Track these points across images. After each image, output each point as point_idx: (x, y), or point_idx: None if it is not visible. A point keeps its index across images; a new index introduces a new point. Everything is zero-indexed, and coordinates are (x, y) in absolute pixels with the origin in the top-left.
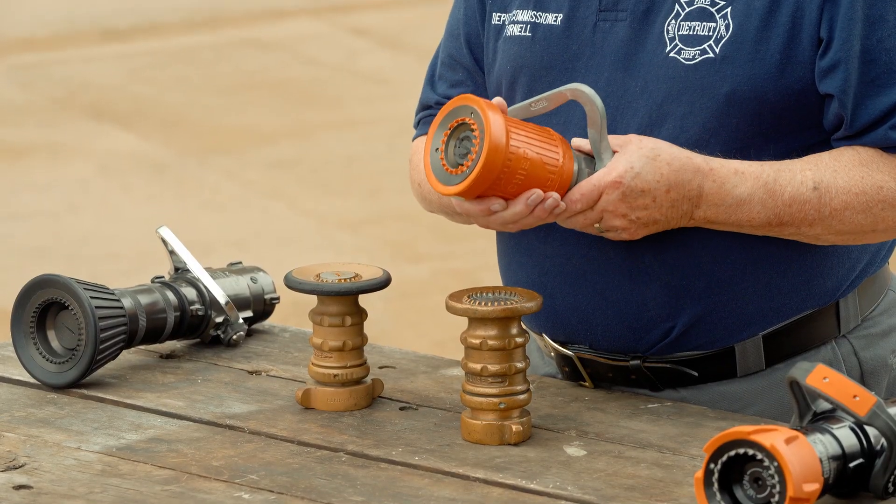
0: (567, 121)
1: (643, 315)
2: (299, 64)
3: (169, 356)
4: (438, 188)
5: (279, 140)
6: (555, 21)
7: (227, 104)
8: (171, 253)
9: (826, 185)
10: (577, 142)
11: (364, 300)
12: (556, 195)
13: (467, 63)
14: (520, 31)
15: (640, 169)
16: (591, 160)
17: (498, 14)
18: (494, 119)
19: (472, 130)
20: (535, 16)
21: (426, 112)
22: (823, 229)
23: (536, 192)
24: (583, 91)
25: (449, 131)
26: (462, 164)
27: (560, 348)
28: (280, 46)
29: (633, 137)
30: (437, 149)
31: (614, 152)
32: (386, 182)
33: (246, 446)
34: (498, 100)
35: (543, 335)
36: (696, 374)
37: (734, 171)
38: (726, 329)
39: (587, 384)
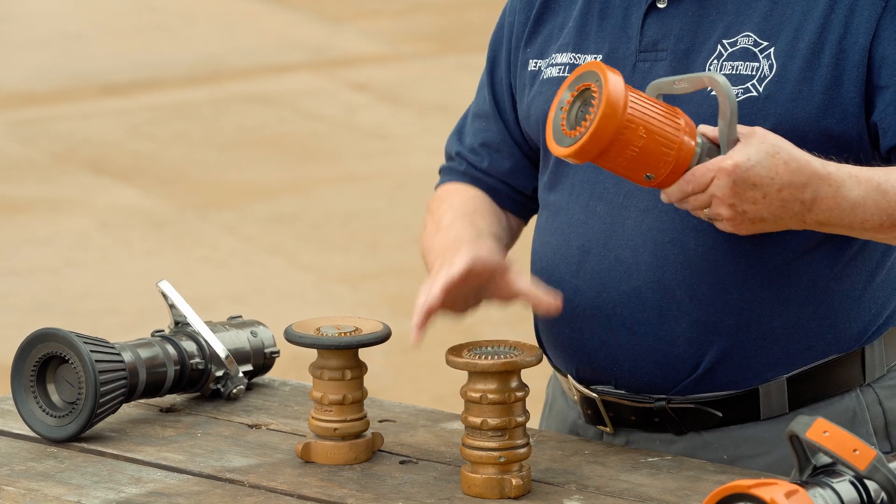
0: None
1: (671, 352)
2: (299, 119)
3: (169, 410)
4: (551, 146)
5: (279, 195)
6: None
7: (227, 159)
8: (172, 307)
9: None
10: (704, 128)
11: (364, 354)
12: None
13: (492, 115)
14: (558, 73)
15: (755, 162)
16: (715, 149)
17: (535, 61)
18: (615, 84)
19: (594, 97)
20: (574, 57)
21: (449, 162)
22: None
23: None
24: (718, 81)
25: (576, 93)
26: (578, 127)
27: (584, 390)
28: (280, 101)
29: (758, 130)
30: (561, 107)
31: (738, 141)
32: (385, 237)
33: (246, 500)
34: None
35: (569, 376)
36: (721, 414)
37: (848, 174)
38: (752, 369)
39: (608, 429)
